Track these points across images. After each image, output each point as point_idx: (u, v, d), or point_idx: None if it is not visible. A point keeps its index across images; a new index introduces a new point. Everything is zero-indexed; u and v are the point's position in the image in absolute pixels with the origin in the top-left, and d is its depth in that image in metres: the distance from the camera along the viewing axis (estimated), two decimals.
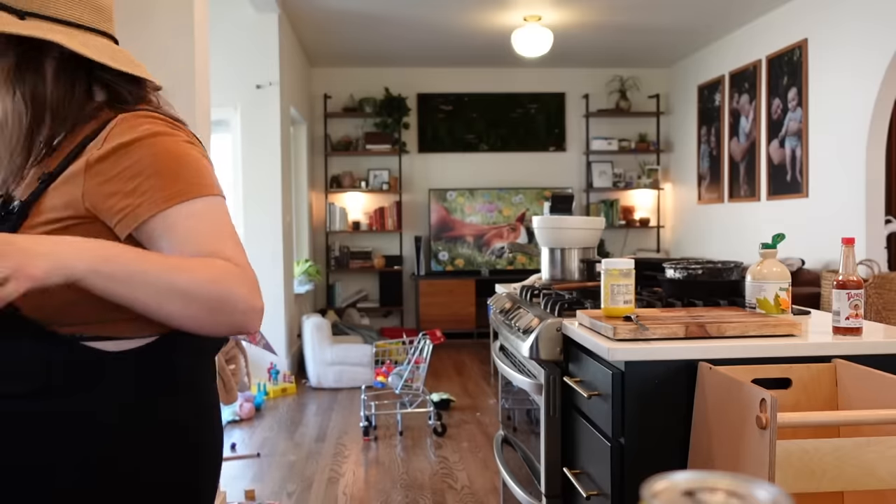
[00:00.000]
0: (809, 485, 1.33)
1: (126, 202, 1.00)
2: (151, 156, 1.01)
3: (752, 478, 0.44)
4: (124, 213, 1.00)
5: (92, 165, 1.01)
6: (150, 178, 1.00)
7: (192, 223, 1.01)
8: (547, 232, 2.66)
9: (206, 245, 1.00)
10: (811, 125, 5.36)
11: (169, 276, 0.95)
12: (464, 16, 5.90)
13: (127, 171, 1.00)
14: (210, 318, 0.97)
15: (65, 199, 1.01)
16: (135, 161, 1.01)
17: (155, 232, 1.00)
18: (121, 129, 1.03)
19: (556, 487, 2.05)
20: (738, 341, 1.67)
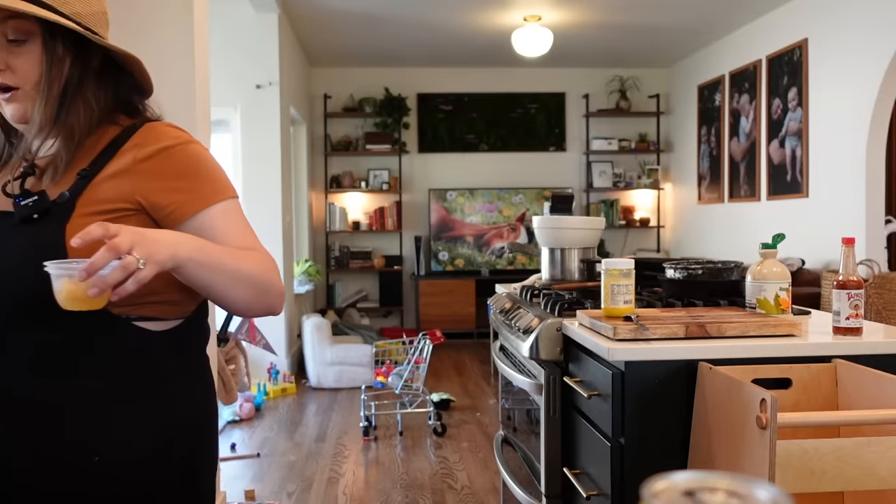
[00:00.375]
0: (809, 485, 1.33)
1: (174, 198, 1.14)
2: (189, 160, 1.17)
3: (752, 478, 0.43)
4: (174, 208, 1.14)
5: (139, 164, 1.13)
6: (192, 179, 1.16)
7: (228, 220, 1.17)
8: (547, 232, 2.66)
9: (240, 239, 1.17)
10: (811, 125, 5.36)
11: (237, 265, 1.11)
12: (464, 16, 5.90)
13: (171, 171, 1.15)
14: (258, 301, 1.15)
15: (115, 192, 1.12)
16: (176, 163, 1.15)
17: (200, 225, 1.14)
18: (155, 135, 1.16)
19: (556, 487, 2.05)
20: (738, 341, 1.67)
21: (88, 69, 1.15)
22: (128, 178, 1.13)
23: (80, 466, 1.10)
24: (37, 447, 1.09)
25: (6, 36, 1.09)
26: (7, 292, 1.07)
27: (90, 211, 1.10)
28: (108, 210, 1.11)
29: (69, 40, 1.12)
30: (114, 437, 1.12)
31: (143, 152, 1.14)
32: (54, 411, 1.10)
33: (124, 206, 1.13)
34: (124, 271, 0.96)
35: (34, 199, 1.09)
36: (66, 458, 1.10)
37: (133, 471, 1.13)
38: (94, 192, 1.11)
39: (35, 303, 1.06)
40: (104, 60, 1.17)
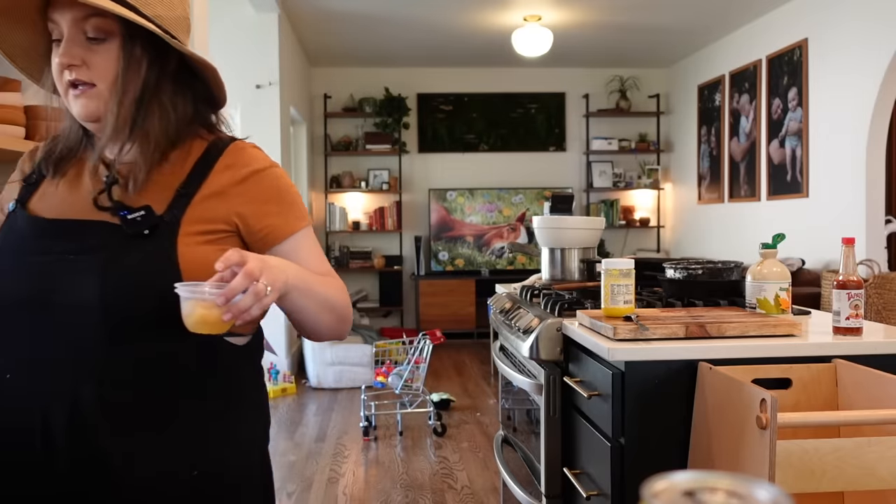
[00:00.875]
0: (809, 485, 1.33)
1: (267, 222, 1.16)
2: (279, 184, 1.19)
3: (753, 478, 0.43)
4: (266, 232, 1.17)
5: (234, 186, 1.15)
6: (281, 203, 1.18)
7: (310, 245, 1.22)
8: (547, 232, 2.66)
9: (321, 265, 1.22)
10: (811, 125, 5.36)
11: (326, 292, 1.17)
12: (464, 16, 5.90)
13: (263, 195, 1.17)
14: (336, 328, 1.21)
15: (215, 213, 1.13)
16: (268, 187, 1.18)
17: (288, 250, 1.18)
18: (245, 157, 1.18)
19: (556, 487, 2.05)
20: (739, 341, 1.67)
21: (165, 74, 1.14)
22: (224, 200, 1.14)
23: (180, 478, 1.11)
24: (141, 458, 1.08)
25: (86, 33, 1.08)
26: (125, 307, 1.06)
27: (195, 230, 1.11)
28: (210, 230, 1.13)
29: (148, 43, 1.11)
30: (210, 452, 1.14)
31: (236, 174, 1.16)
32: (158, 425, 1.10)
33: (224, 228, 1.14)
34: (255, 298, 1.00)
35: (142, 214, 1.09)
36: (167, 469, 1.10)
37: (224, 483, 1.16)
38: (195, 211, 1.12)
39: (151, 319, 1.06)
40: (179, 67, 1.16)
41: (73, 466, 1.05)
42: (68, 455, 1.05)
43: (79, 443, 1.05)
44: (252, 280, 0.99)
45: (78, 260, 1.07)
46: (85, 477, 1.06)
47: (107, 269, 1.06)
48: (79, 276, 1.06)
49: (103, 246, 1.08)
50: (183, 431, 1.11)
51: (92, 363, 1.06)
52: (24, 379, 1.06)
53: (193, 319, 1.01)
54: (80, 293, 1.05)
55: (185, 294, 1.01)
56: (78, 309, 1.05)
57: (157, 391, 1.09)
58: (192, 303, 1.01)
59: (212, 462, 1.14)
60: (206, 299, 1.00)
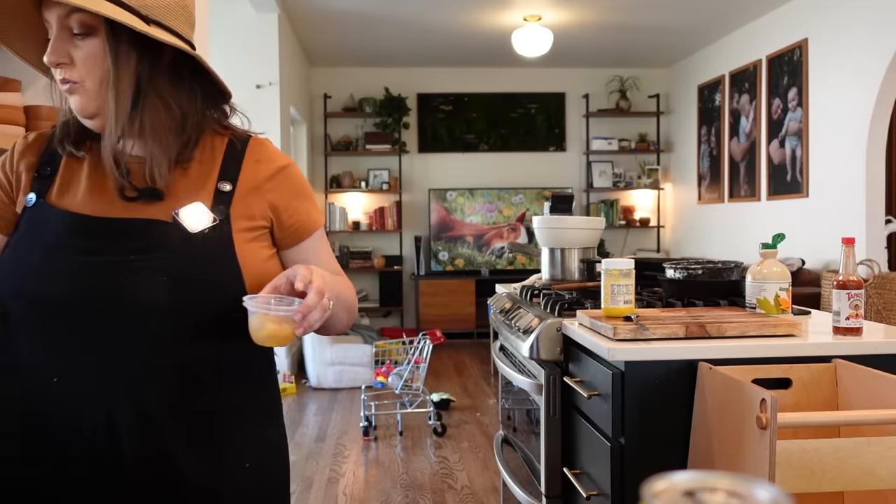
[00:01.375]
0: (809, 485, 1.33)
1: (296, 219, 1.18)
2: (302, 181, 1.22)
3: (753, 478, 0.43)
4: (295, 229, 1.18)
5: (265, 182, 1.16)
6: (305, 200, 1.20)
7: (326, 244, 1.25)
8: (547, 232, 2.66)
9: (332, 263, 1.24)
10: (811, 125, 5.36)
11: (346, 294, 1.20)
12: (464, 16, 5.90)
13: (291, 191, 1.19)
14: (348, 323, 1.23)
15: (256, 209, 1.14)
16: (294, 183, 1.20)
17: (308, 248, 1.20)
18: (268, 153, 1.20)
19: (556, 488, 2.05)
20: (739, 341, 1.67)
21: (160, 67, 1.10)
22: (260, 195, 1.15)
23: (237, 478, 1.13)
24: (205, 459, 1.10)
25: (72, 29, 1.05)
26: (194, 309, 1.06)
27: (243, 227, 1.12)
28: (256, 227, 1.14)
29: (136, 35, 1.06)
30: (259, 451, 1.17)
31: (267, 169, 1.17)
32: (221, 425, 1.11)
33: (263, 224, 1.15)
34: (322, 312, 1.02)
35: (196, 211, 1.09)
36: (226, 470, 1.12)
37: (268, 473, 1.19)
38: (238, 207, 1.13)
39: (217, 319, 1.07)
40: (177, 59, 1.12)
41: (140, 468, 1.05)
42: (135, 458, 1.05)
43: (145, 444, 1.05)
44: (322, 296, 1.02)
45: (141, 260, 1.05)
46: (153, 479, 1.06)
47: (175, 270, 1.05)
48: (145, 278, 1.04)
49: (165, 246, 1.06)
50: (242, 429, 1.14)
51: (158, 365, 1.05)
52: (84, 381, 1.04)
53: (265, 334, 1.02)
54: (148, 295, 1.04)
55: (255, 308, 1.02)
56: (145, 310, 1.04)
57: (219, 390, 1.11)
58: (261, 317, 1.02)
59: (259, 456, 1.16)
60: (281, 315, 1.01)
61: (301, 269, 1.03)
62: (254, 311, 1.02)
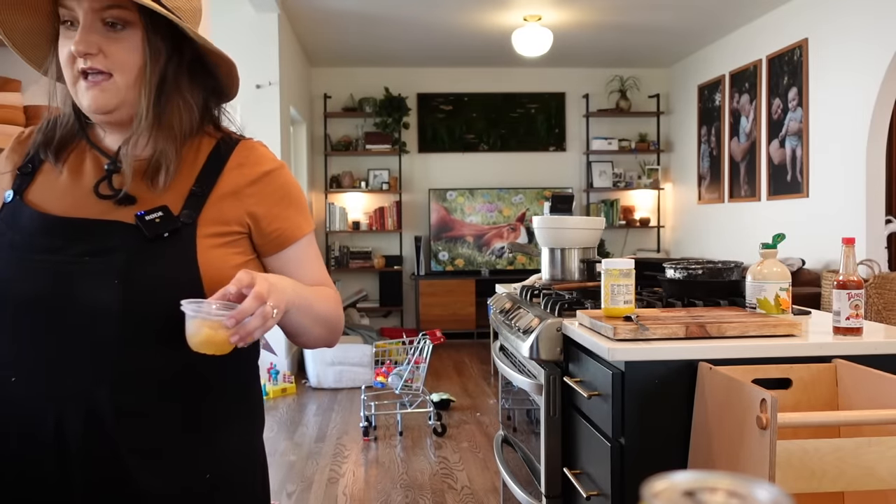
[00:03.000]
0: (810, 485, 1.32)
1: (278, 226, 1.15)
2: (289, 186, 1.18)
3: (753, 478, 0.43)
4: (276, 235, 1.15)
5: (246, 187, 1.13)
6: (290, 207, 1.17)
7: (312, 253, 1.20)
8: (547, 232, 2.66)
9: (320, 274, 1.21)
10: (811, 125, 5.36)
11: (319, 306, 1.14)
12: (464, 15, 5.90)
13: (274, 197, 1.15)
14: (326, 339, 1.19)
15: (229, 214, 1.11)
16: (278, 189, 1.16)
17: (292, 256, 1.17)
18: (255, 156, 1.16)
19: (556, 488, 2.05)
20: (739, 341, 1.67)
21: (183, 65, 1.11)
22: (238, 200, 1.12)
23: (194, 484, 1.10)
24: (158, 463, 1.07)
25: (104, 21, 1.04)
26: (145, 313, 1.04)
27: (211, 232, 1.09)
28: (226, 232, 1.11)
29: (167, 34, 1.08)
30: (222, 456, 1.13)
31: (249, 174, 1.14)
32: (175, 431, 1.08)
33: (238, 229, 1.12)
34: (262, 320, 0.98)
35: (160, 216, 1.06)
36: (184, 473, 1.09)
37: (234, 484, 1.15)
38: (210, 211, 1.10)
39: (170, 325, 1.03)
40: (194, 59, 1.13)
41: (87, 471, 1.03)
42: (83, 461, 1.03)
43: (94, 447, 1.03)
44: (261, 302, 0.98)
45: (95, 262, 1.03)
46: (101, 481, 1.04)
47: (127, 273, 1.03)
48: (98, 280, 1.02)
49: (122, 249, 1.04)
50: (198, 436, 1.10)
51: (108, 368, 1.03)
52: (33, 382, 1.03)
53: (199, 339, 0.98)
54: (100, 297, 1.02)
55: (192, 312, 0.98)
56: (96, 313, 1.02)
57: (174, 396, 1.08)
58: (198, 322, 0.98)
59: (223, 466, 1.13)
60: (215, 320, 0.97)
61: (241, 274, 1.00)
62: (188, 314, 0.98)
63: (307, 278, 1.17)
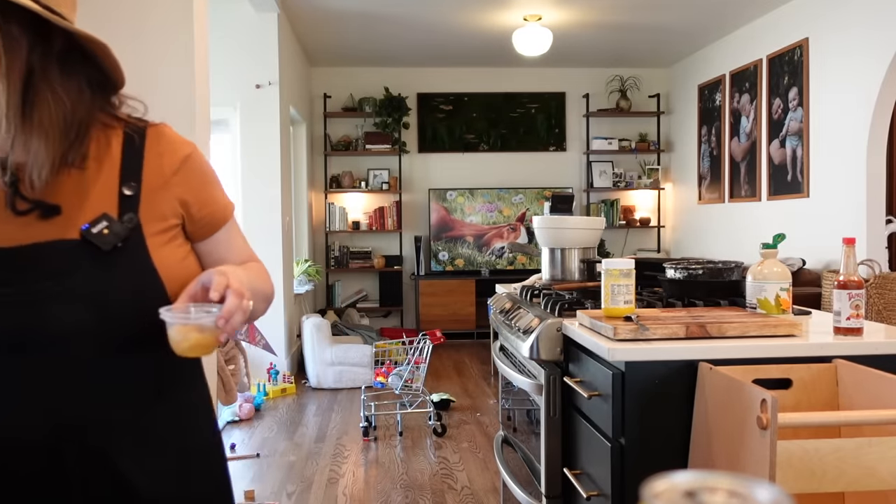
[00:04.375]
0: (810, 485, 1.32)
1: (206, 211, 1.13)
2: (206, 168, 1.15)
3: (753, 478, 0.43)
4: (206, 221, 1.14)
5: (172, 176, 1.10)
6: (214, 188, 1.15)
7: (237, 231, 1.20)
8: (547, 232, 2.65)
9: (247, 250, 1.21)
10: (812, 125, 5.36)
11: (260, 285, 1.15)
12: (464, 15, 5.90)
13: (198, 182, 1.13)
14: (264, 310, 1.19)
15: (165, 208, 1.08)
16: (199, 173, 1.13)
17: (220, 239, 1.16)
18: (169, 142, 1.12)
19: (556, 488, 2.04)
20: (739, 341, 1.66)
21: (50, 55, 0.99)
22: (168, 192, 1.09)
23: (185, 479, 1.11)
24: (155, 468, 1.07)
25: None
26: (118, 329, 1.02)
27: (155, 230, 1.06)
28: (168, 227, 1.08)
29: (27, 21, 0.97)
30: (200, 449, 1.15)
31: (171, 162, 1.10)
32: (157, 431, 1.09)
33: (175, 222, 1.09)
34: (244, 315, 0.98)
35: (105, 226, 1.01)
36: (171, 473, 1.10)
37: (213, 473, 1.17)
38: (147, 209, 1.06)
39: (143, 333, 1.02)
40: (67, 46, 1.02)
41: (90, 490, 1.03)
42: (86, 484, 1.02)
43: (95, 468, 1.03)
44: (241, 298, 0.98)
45: (55, 287, 0.98)
46: (105, 497, 1.04)
47: (91, 293, 0.99)
48: (63, 305, 0.98)
49: (76, 268, 0.99)
50: (179, 431, 1.12)
51: (87, 386, 1.02)
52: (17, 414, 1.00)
53: (188, 344, 0.98)
54: (69, 322, 0.98)
55: (175, 320, 0.97)
56: (68, 337, 0.99)
57: (155, 397, 1.08)
58: (183, 328, 0.97)
59: (201, 459, 1.15)
60: (204, 323, 0.97)
61: (215, 276, 0.99)
62: (173, 322, 0.97)
63: (237, 257, 1.17)
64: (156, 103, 1.23)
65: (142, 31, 2.65)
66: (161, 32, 2.67)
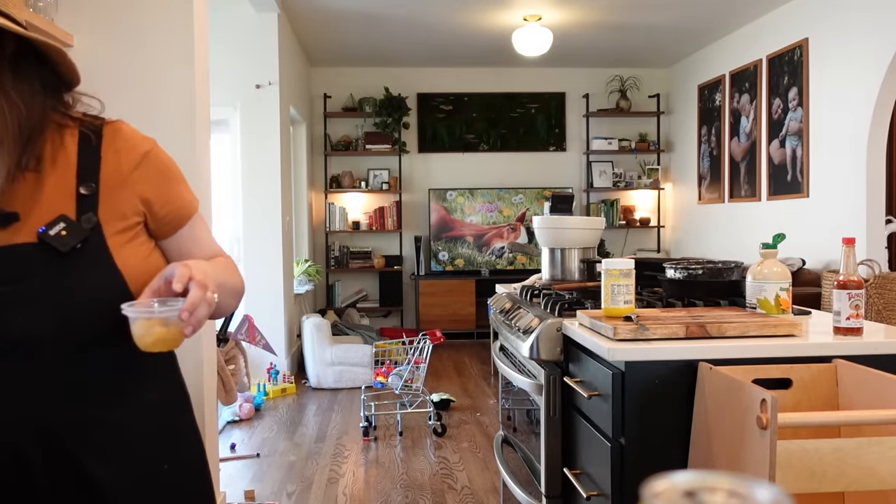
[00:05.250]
0: (810, 485, 1.32)
1: (169, 208, 1.12)
2: (168, 164, 1.13)
3: (753, 478, 0.43)
4: (170, 219, 1.12)
5: (132, 172, 1.08)
6: (176, 184, 1.14)
7: (203, 225, 1.19)
8: (547, 232, 2.65)
9: (214, 245, 1.20)
10: (812, 125, 5.36)
11: (230, 280, 1.15)
12: (464, 15, 5.90)
13: (159, 178, 1.11)
14: (235, 305, 1.19)
15: (125, 206, 1.07)
16: (160, 169, 1.11)
17: (186, 235, 1.15)
18: (126, 139, 1.09)
19: (556, 488, 2.05)
20: (739, 341, 1.66)
21: (2, 60, 0.98)
22: (127, 189, 1.07)
23: (158, 476, 1.11)
24: (116, 463, 1.06)
25: None
26: (80, 331, 1.01)
27: (116, 230, 1.05)
28: (129, 226, 1.07)
29: None
30: (173, 443, 1.14)
31: (129, 159, 1.07)
32: (127, 428, 1.08)
33: (136, 220, 1.08)
34: (208, 307, 0.98)
35: (63, 227, 1.00)
36: (141, 469, 1.10)
37: (190, 471, 1.17)
38: (106, 209, 1.04)
39: (106, 333, 1.02)
40: (18, 49, 1.00)
41: (58, 491, 1.02)
42: (50, 482, 1.01)
43: (60, 468, 1.02)
44: (205, 290, 0.97)
45: (14, 292, 0.97)
46: (72, 498, 1.03)
47: (52, 296, 0.98)
48: (23, 310, 0.97)
49: (35, 271, 0.98)
50: (148, 428, 1.11)
51: (55, 387, 1.01)
52: None
53: (152, 339, 0.97)
54: (30, 326, 0.97)
55: (138, 314, 0.97)
56: (31, 342, 0.98)
57: (121, 397, 1.07)
58: (146, 323, 0.97)
59: (177, 453, 1.14)
60: (168, 317, 0.96)
61: (177, 268, 0.98)
62: (136, 317, 0.97)
63: (204, 253, 1.17)
64: (156, 103, 1.24)
65: (142, 32, 2.65)
66: (161, 32, 2.67)
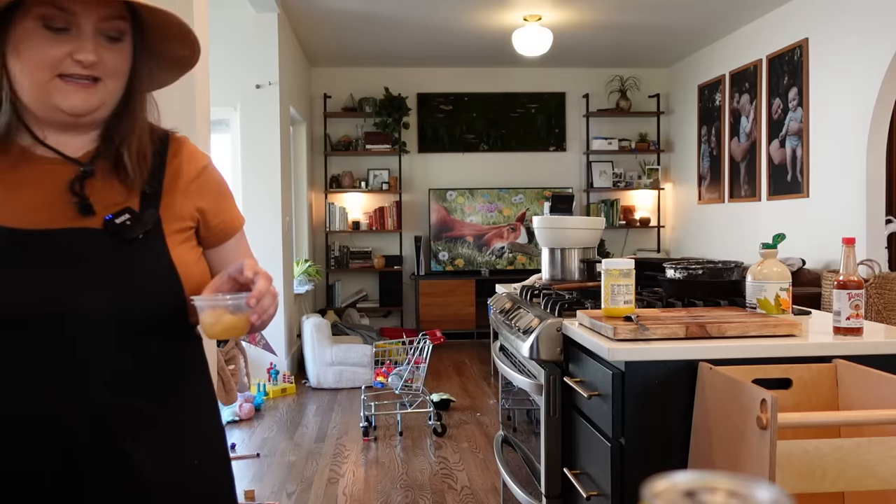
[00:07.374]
0: (810, 485, 1.32)
1: (221, 218, 1.20)
2: (221, 180, 1.24)
3: (753, 478, 0.43)
4: (220, 229, 1.21)
5: (190, 183, 1.16)
6: (228, 199, 1.23)
7: (245, 241, 1.28)
8: (547, 232, 2.65)
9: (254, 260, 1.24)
10: (812, 125, 5.36)
11: None
12: (464, 16, 5.90)
13: (214, 191, 1.20)
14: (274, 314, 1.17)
15: (183, 210, 1.14)
16: (216, 183, 1.21)
17: (231, 246, 1.23)
18: (189, 152, 1.19)
19: (556, 488, 2.05)
20: (739, 341, 1.66)
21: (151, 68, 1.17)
22: (186, 196, 1.15)
23: (191, 468, 1.14)
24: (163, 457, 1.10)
25: (105, 33, 1.07)
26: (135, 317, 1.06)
27: (174, 229, 1.13)
28: (186, 228, 1.15)
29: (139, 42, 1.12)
30: (204, 438, 1.19)
31: (189, 170, 1.17)
32: (173, 421, 1.12)
33: (191, 224, 1.16)
34: (273, 298, 1.05)
35: (128, 218, 1.07)
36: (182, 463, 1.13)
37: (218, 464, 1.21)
38: (166, 209, 1.12)
39: (158, 323, 1.09)
40: None
41: (101, 476, 1.05)
42: (95, 467, 1.04)
43: (104, 453, 1.05)
44: (270, 282, 1.05)
45: (78, 273, 1.03)
46: (115, 484, 1.06)
47: (113, 281, 1.05)
48: (84, 290, 1.03)
49: (99, 255, 1.05)
50: (187, 423, 1.15)
51: (105, 372, 1.05)
52: (31, 397, 1.02)
53: (222, 327, 1.04)
54: (90, 308, 1.03)
55: (208, 303, 1.04)
56: (88, 323, 1.03)
57: (166, 388, 1.12)
58: (216, 312, 1.04)
59: (209, 448, 1.18)
60: (237, 305, 1.03)
61: (246, 260, 1.07)
62: (205, 305, 1.04)
63: None
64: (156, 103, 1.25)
65: None
66: None
